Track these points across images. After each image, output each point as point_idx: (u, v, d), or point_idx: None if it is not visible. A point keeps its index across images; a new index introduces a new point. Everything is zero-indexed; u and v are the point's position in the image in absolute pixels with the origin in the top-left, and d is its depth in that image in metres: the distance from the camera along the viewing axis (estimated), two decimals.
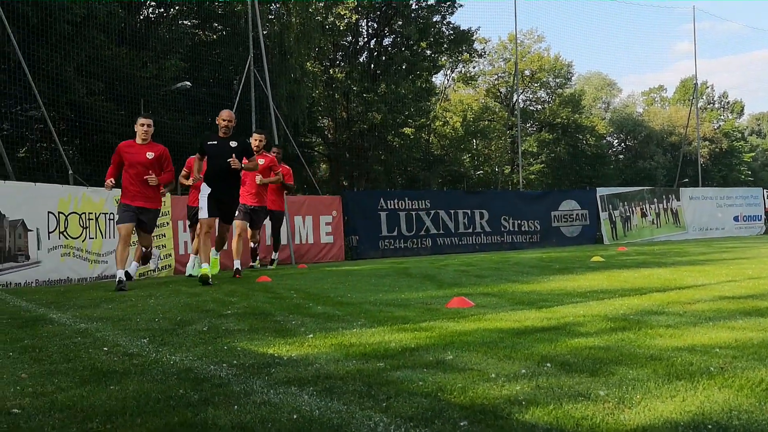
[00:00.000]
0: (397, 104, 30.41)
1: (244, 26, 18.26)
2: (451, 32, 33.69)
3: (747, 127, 63.62)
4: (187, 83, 17.90)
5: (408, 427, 2.23)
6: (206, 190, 8.38)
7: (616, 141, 52.16)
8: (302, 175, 23.93)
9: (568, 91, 44.37)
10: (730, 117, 58.60)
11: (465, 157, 39.81)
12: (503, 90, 42.72)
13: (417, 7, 32.39)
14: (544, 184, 41.05)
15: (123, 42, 17.74)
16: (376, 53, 33.16)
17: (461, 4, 32.91)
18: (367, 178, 31.64)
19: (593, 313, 4.53)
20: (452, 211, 17.65)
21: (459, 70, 40.80)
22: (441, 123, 38.56)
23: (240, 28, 20.42)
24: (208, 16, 22.27)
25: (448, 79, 42.29)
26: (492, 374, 2.87)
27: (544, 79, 42.99)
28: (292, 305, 5.63)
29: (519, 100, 34.88)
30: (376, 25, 32.74)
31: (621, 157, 51.10)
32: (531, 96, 44.15)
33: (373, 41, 33.07)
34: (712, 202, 23.06)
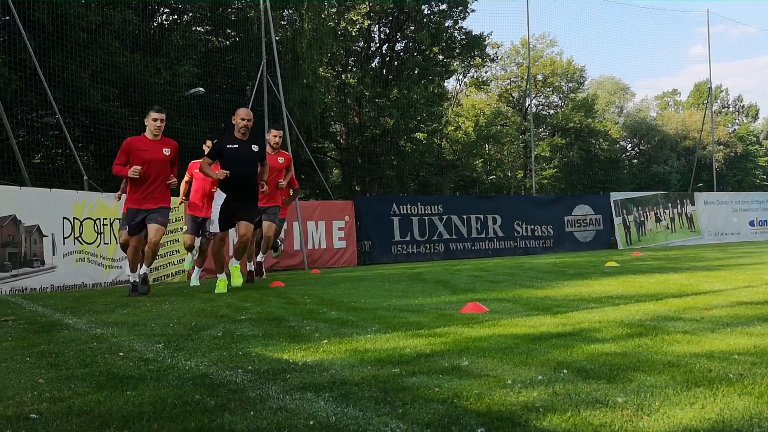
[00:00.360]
0: (410, 109, 30.40)
1: (257, 32, 18.34)
2: (464, 37, 33.64)
3: (762, 131, 62.99)
4: (201, 89, 17.99)
5: None
6: (219, 198, 7.63)
7: (630, 145, 51.85)
8: (315, 180, 23.96)
9: (581, 95, 44.22)
10: (745, 121, 58.18)
11: (477, 162, 39.75)
12: (516, 94, 42.62)
13: (429, 12, 32.39)
14: (557, 189, 40.88)
15: (137, 49, 17.88)
16: (388, 58, 33.18)
17: (473, 9, 32.86)
18: (380, 183, 31.64)
19: (609, 319, 4.50)
20: (465, 216, 17.65)
21: (471, 74, 40.80)
22: (453, 128, 38.54)
23: (253, 34, 20.51)
24: (222, 22, 22.38)
25: (460, 84, 42.30)
26: (508, 380, 2.86)
27: (557, 84, 42.88)
28: (305, 311, 5.64)
29: (531, 105, 34.75)
30: (388, 31, 32.78)
31: (635, 161, 50.79)
32: (544, 100, 44.05)
33: (385, 46, 33.10)
34: (728, 207, 22.90)
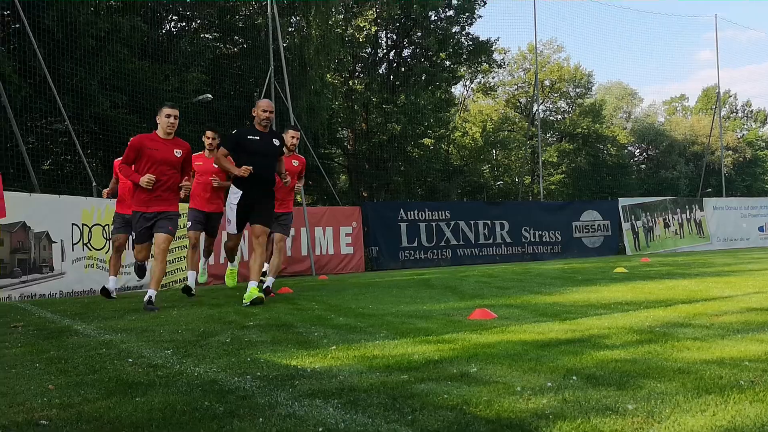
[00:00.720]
0: (417, 115, 30.46)
1: (265, 39, 18.42)
2: (471, 43, 33.71)
3: None
4: (209, 96, 18.07)
5: None
6: (234, 196, 7.02)
7: (638, 151, 51.72)
8: (322, 186, 24.00)
9: (588, 100, 44.16)
10: (754, 126, 57.91)
11: (485, 168, 39.75)
12: (523, 100, 42.61)
13: (436, 18, 32.48)
14: (565, 195, 40.80)
15: (145, 56, 18.00)
16: (395, 64, 33.26)
17: (480, 15, 32.96)
18: (387, 189, 31.67)
19: (618, 325, 4.48)
20: (472, 222, 17.62)
21: (478, 80, 40.82)
22: (460, 134, 38.57)
23: (260, 41, 20.60)
24: (229, 29, 22.51)
25: (467, 90, 42.34)
26: (517, 387, 2.84)
27: (564, 89, 42.84)
28: (313, 317, 5.63)
29: (539, 110, 34.75)
30: (395, 37, 32.87)
31: (643, 167, 50.66)
32: (551, 106, 44.01)
33: (392, 53, 33.19)
34: (737, 212, 22.78)
